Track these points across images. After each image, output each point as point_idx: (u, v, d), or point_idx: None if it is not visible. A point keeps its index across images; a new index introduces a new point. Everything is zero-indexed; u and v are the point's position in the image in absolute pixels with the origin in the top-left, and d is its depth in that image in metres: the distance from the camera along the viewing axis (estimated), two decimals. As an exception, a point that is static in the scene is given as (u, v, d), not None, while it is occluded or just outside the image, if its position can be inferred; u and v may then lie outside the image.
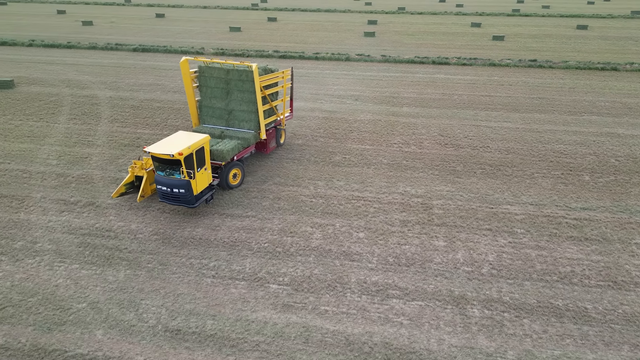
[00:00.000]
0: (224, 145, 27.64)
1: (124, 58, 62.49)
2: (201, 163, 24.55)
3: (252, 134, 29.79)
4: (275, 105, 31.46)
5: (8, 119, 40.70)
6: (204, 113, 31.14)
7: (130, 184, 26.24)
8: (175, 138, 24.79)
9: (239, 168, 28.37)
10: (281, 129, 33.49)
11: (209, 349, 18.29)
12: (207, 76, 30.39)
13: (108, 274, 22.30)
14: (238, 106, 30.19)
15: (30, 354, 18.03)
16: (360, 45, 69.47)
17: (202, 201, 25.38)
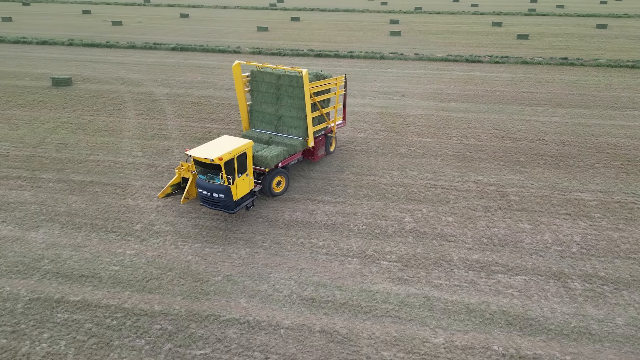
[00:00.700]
0: (268, 151, 27.27)
1: (164, 57, 64.74)
2: (242, 169, 24.16)
3: (299, 141, 29.35)
4: (325, 113, 30.82)
5: (79, 115, 42.92)
6: (254, 118, 31.12)
7: (176, 185, 26.52)
8: (218, 142, 24.69)
9: (284, 175, 27.91)
10: (331, 136, 32.69)
11: (345, 315, 20.20)
12: (258, 81, 30.26)
13: (230, 251, 24.42)
14: (287, 112, 29.80)
15: (188, 318, 20.02)
16: (389, 44, 71.48)
17: (241, 207, 24.92)
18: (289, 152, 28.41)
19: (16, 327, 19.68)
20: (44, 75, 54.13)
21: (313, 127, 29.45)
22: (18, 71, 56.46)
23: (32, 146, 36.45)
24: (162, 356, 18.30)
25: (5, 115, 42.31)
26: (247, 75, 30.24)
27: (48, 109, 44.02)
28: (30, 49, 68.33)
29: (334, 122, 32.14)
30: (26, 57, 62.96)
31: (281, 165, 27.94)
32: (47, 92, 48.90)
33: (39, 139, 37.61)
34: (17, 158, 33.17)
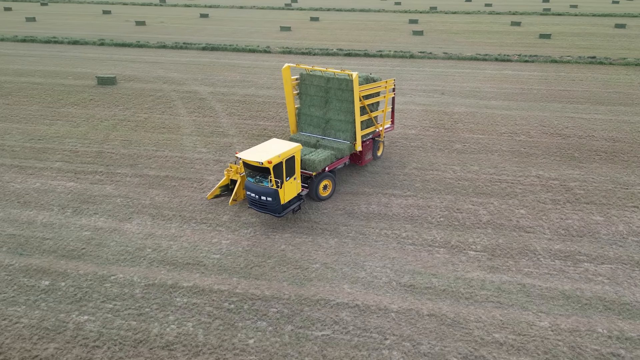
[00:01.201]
0: (316, 155, 27.14)
1: (197, 56, 65.83)
2: (291, 172, 24.15)
3: (347, 145, 28.98)
4: (374, 117, 30.60)
5: (133, 112, 44.07)
6: (302, 121, 30.89)
7: (225, 187, 26.86)
8: (267, 145, 24.66)
9: (330, 179, 27.60)
10: (379, 140, 32.31)
11: (447, 300, 21.42)
12: (307, 84, 29.99)
13: (320, 241, 25.59)
14: (335, 115, 29.48)
15: (300, 302, 21.19)
16: (414, 43, 72.72)
17: (289, 211, 25.00)
18: (336, 156, 28.17)
19: (141, 310, 20.73)
20: (86, 75, 55.62)
21: (361, 131, 29.02)
22: (59, 70, 57.69)
23: (97, 142, 37.45)
24: (285, 336, 19.34)
25: (63, 113, 43.39)
26: (296, 78, 30.02)
27: (101, 107, 45.23)
28: (64, 49, 69.65)
29: (382, 126, 31.83)
30: (61, 57, 64.25)
31: (328, 169, 27.76)
32: (95, 91, 50.17)
33: (102, 135, 38.90)
34: (87, 154, 34.34)
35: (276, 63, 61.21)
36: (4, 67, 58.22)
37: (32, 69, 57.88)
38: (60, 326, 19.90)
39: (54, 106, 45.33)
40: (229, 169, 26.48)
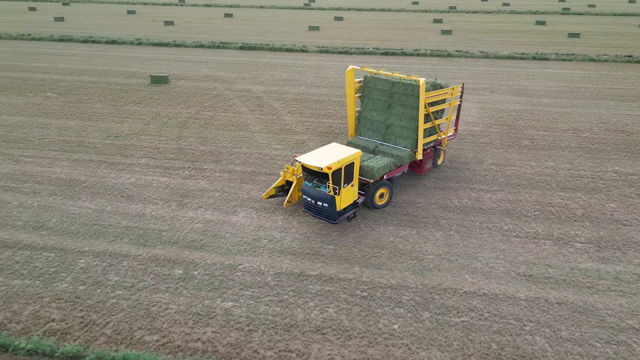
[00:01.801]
0: (375, 162, 26.67)
1: (237, 55, 66.86)
2: (349, 179, 23.86)
3: (407, 153, 28.23)
4: (437, 124, 29.72)
5: (197, 110, 45.01)
6: (362, 125, 30.35)
7: (280, 188, 26.79)
8: (327, 150, 24.61)
9: (388, 188, 26.91)
10: (441, 149, 31.12)
11: (570, 290, 22.48)
12: (371, 87, 29.50)
13: (425, 233, 26.54)
14: (397, 121, 28.98)
15: (428, 291, 22.51)
16: (446, 42, 73.49)
17: (343, 218, 24.81)
18: (395, 164, 27.55)
19: (279, 297, 21.81)
20: (135, 73, 56.63)
21: (423, 139, 28.21)
22: (107, 69, 58.54)
23: (173, 140, 38.51)
24: (426, 322, 20.31)
25: (129, 111, 44.56)
26: (359, 81, 29.49)
27: (163, 105, 46.27)
28: (103, 48, 70.66)
29: (445, 134, 30.79)
30: (104, 56, 65.16)
31: (386, 177, 27.23)
32: (150, 89, 51.16)
33: (175, 133, 39.93)
34: (168, 150, 35.37)
35: (316, 62, 62.41)
36: (52, 66, 59.44)
37: (80, 67, 59.05)
38: (210, 312, 20.84)
39: (117, 104, 46.35)
40: (286, 170, 26.34)
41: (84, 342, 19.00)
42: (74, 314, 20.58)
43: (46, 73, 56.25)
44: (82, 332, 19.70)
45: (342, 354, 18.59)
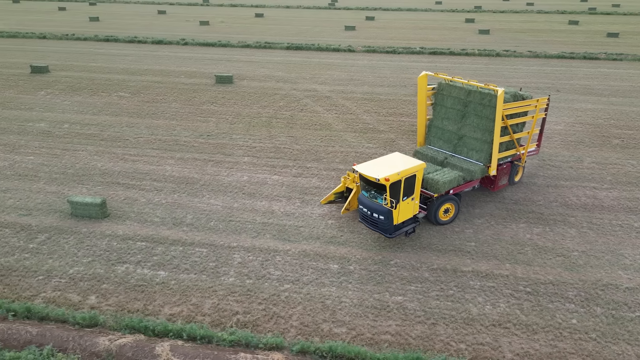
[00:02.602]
0: (441, 175, 25.04)
1: (286, 55, 67.06)
2: (409, 192, 22.63)
3: (479, 167, 26.44)
4: (516, 138, 27.77)
5: (275, 110, 45.46)
6: (432, 134, 28.89)
7: (340, 194, 26.43)
8: (388, 159, 23.55)
9: (454, 203, 25.44)
10: (519, 165, 29.05)
11: None
12: (445, 95, 27.92)
13: (559, 230, 27.36)
14: (471, 132, 27.05)
15: (591, 286, 23.22)
16: (487, 42, 73.58)
17: (401, 232, 23.60)
18: (464, 178, 25.88)
19: (445, 292, 22.61)
20: (197, 74, 57.04)
21: (499, 154, 26.22)
22: (166, 69, 58.88)
23: (265, 138, 39.14)
24: (602, 317, 21.04)
25: (208, 111, 45.16)
26: (432, 88, 27.98)
27: (239, 105, 46.76)
28: (153, 48, 70.98)
29: (525, 149, 28.51)
30: (155, 56, 65.44)
31: (453, 192, 25.41)
32: (218, 89, 51.66)
33: (264, 132, 40.40)
34: (265, 149, 36.21)
35: (368, 62, 62.85)
36: (110, 66, 59.82)
37: (138, 67, 59.58)
38: (384, 305, 21.42)
39: (192, 103, 46.82)
40: (346, 176, 26.17)
41: (278, 334, 19.64)
42: (254, 307, 21.33)
43: (108, 73, 56.78)
44: (270, 324, 20.40)
45: (533, 347, 19.13)
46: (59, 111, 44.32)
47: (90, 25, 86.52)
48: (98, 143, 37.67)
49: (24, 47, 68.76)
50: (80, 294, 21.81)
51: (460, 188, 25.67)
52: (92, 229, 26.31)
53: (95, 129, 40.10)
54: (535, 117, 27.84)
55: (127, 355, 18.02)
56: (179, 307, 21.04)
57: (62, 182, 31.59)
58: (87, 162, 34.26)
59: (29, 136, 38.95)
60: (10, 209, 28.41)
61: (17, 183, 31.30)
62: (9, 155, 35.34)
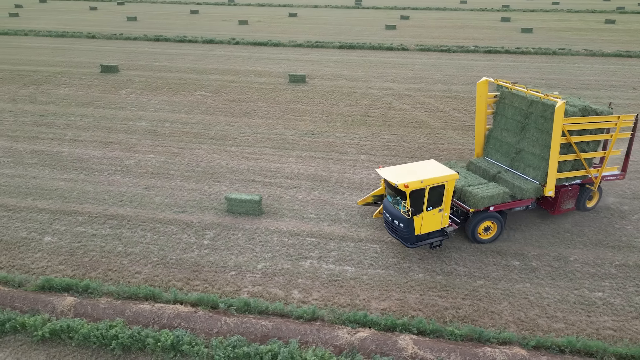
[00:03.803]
0: (482, 189, 23.24)
1: (342, 54, 67.45)
2: (436, 202, 21.32)
3: (533, 186, 24.03)
4: (585, 159, 24.28)
5: (363, 109, 45.69)
6: (490, 145, 27.18)
7: (378, 197, 25.95)
8: (419, 166, 22.41)
9: (496, 222, 23.70)
10: (591, 189, 25.92)
11: None
12: (506, 104, 25.91)
13: None
14: (530, 147, 24.88)
15: None
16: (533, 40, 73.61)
17: (424, 244, 22.38)
18: (512, 196, 23.80)
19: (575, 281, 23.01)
20: (266, 73, 57.20)
21: (559, 174, 23.61)
22: (233, 68, 59.09)
23: (370, 137, 39.70)
24: None
25: (298, 110, 45.40)
26: (495, 96, 26.40)
27: (324, 104, 47.09)
28: (207, 48, 71.29)
29: (599, 171, 25.22)
30: (213, 55, 66.00)
31: (495, 209, 23.55)
32: (295, 88, 51.72)
33: (365, 131, 40.70)
34: (378, 147, 36.82)
35: (426, 60, 63.32)
36: (174, 65, 60.23)
37: (203, 67, 59.70)
38: (589, 301, 22.20)
39: (278, 102, 47.15)
40: None
41: (502, 329, 20.25)
42: (460, 302, 21.94)
43: (176, 72, 57.06)
44: (486, 319, 21.06)
45: None
46: (151, 110, 44.66)
47: (130, 24, 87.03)
48: (208, 142, 37.99)
49: (78, 46, 69.32)
50: (282, 289, 22.10)
51: (505, 206, 23.57)
52: (255, 225, 26.81)
53: (198, 128, 40.33)
54: (614, 136, 24.31)
55: (370, 348, 18.38)
56: (385, 301, 21.24)
57: (197, 179, 31.99)
58: (210, 160, 34.57)
59: (136, 135, 39.30)
60: (163, 206, 28.86)
61: (154, 181, 31.72)
62: (129, 154, 35.61)
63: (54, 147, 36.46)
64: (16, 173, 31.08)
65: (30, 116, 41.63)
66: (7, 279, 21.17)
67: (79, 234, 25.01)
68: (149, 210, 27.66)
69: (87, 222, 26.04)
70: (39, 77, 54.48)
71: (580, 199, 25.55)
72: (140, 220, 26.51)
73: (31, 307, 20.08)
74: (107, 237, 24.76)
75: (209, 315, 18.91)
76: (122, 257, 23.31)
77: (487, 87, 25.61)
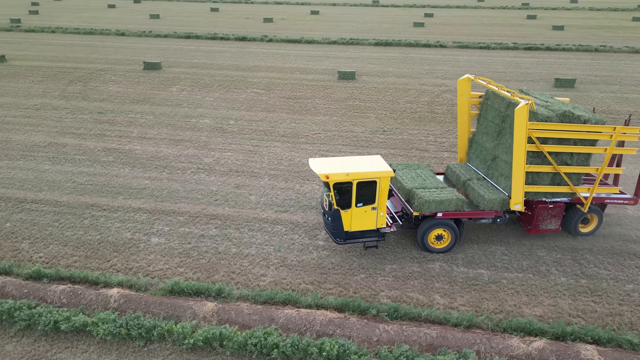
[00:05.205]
0: (432, 193, 21.23)
1: (380, 51, 67.01)
2: (366, 199, 20.09)
3: (499, 197, 21.48)
4: (566, 173, 21.14)
5: (426, 106, 45.08)
6: (472, 150, 24.86)
7: None
8: (356, 159, 21.38)
9: (449, 231, 21.72)
10: (582, 212, 22.72)
11: None
12: (489, 105, 23.14)
13: None
14: (503, 154, 21.80)
15: None
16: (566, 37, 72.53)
17: (355, 242, 21.17)
18: (466, 204, 21.80)
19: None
20: (310, 70, 56.23)
21: (531, 186, 20.98)
22: (274, 65, 58.10)
23: (448, 133, 38.95)
24: None
25: (359, 107, 44.53)
26: (480, 96, 24.01)
27: (382, 101, 46.29)
28: (241, 45, 70.36)
29: (590, 191, 21.78)
30: (249, 53, 64.79)
31: (444, 216, 21.51)
32: (346, 85, 50.73)
33: (438, 128, 39.97)
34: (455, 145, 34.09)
35: (468, 57, 62.91)
36: (215, 62, 59.43)
37: (245, 64, 59.00)
38: None
39: (334, 99, 46.19)
40: None
41: None
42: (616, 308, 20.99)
43: (219, 69, 56.15)
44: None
45: None
46: (210, 107, 43.63)
47: (155, 22, 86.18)
48: (280, 139, 36.97)
49: (109, 43, 68.05)
50: (422, 294, 21.07)
51: (458, 214, 21.31)
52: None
53: (264, 125, 39.41)
54: (609, 150, 21.07)
55: (550, 359, 17.28)
56: (537, 307, 19.92)
57: (285, 178, 30.93)
58: (290, 159, 33.59)
59: (204, 132, 38.23)
60: (261, 205, 27.86)
61: (242, 179, 30.81)
62: (205, 152, 34.73)
63: (125, 144, 35.73)
64: (96, 171, 30.04)
65: (89, 113, 41.78)
66: (131, 283, 20.71)
67: (185, 234, 23.98)
68: (248, 210, 27.23)
69: (190, 222, 25.39)
70: (83, 74, 53.52)
71: (569, 221, 22.71)
72: (244, 220, 25.80)
73: (170, 313, 19.15)
74: (216, 238, 23.77)
75: (364, 322, 17.45)
76: (241, 259, 22.28)
77: (469, 85, 23.37)
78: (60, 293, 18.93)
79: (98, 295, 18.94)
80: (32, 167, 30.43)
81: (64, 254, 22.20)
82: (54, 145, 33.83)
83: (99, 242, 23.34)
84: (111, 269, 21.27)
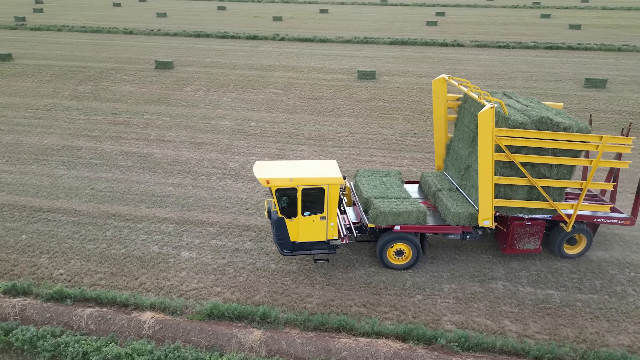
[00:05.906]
0: (390, 203, 19.41)
1: (396, 51, 65.70)
2: (315, 208, 18.50)
3: (467, 211, 19.40)
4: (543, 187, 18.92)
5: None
6: (448, 157, 22.67)
7: None
8: (307, 164, 19.83)
9: (410, 245, 19.80)
10: (565, 230, 20.45)
11: None
12: (466, 109, 21.00)
13: None
14: (475, 163, 19.07)
15: None
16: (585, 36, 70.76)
17: (302, 254, 19.49)
18: (429, 218, 19.76)
19: None
20: (326, 69, 54.55)
21: (503, 200, 18.95)
22: (288, 65, 56.51)
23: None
24: None
25: (385, 108, 42.91)
26: (457, 99, 21.86)
27: (408, 101, 44.78)
28: (252, 44, 68.64)
29: (574, 208, 19.51)
30: (261, 52, 63.04)
31: (402, 230, 19.55)
32: (367, 85, 48.96)
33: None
34: None
35: (488, 56, 61.12)
36: (228, 62, 57.58)
37: (259, 63, 56.96)
38: None
39: (357, 100, 44.39)
40: None
41: None
42: None
43: (233, 69, 54.17)
44: None
45: None
46: (228, 108, 41.73)
47: (162, 20, 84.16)
48: (306, 142, 35.20)
49: (118, 42, 66.16)
50: (490, 319, 18.88)
51: (419, 229, 19.32)
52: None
53: (287, 127, 37.50)
54: (595, 163, 18.71)
55: None
56: (622, 335, 17.66)
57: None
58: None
59: (225, 134, 36.36)
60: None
61: (272, 187, 26.55)
62: (228, 156, 32.79)
63: (143, 147, 33.70)
64: (115, 177, 28.39)
65: (102, 114, 39.82)
66: (164, 305, 18.40)
67: (218, 248, 22.09)
68: (284, 221, 23.24)
69: (221, 234, 23.45)
70: (92, 73, 51.46)
71: (552, 240, 20.63)
72: (280, 231, 22.26)
73: (212, 342, 16.93)
74: (252, 252, 21.63)
75: (434, 355, 15.49)
76: (282, 277, 20.08)
77: (445, 86, 21.12)
78: (87, 318, 17.10)
79: (130, 320, 17.18)
80: (47, 172, 28.70)
81: (87, 270, 20.40)
82: (68, 148, 32.39)
83: (124, 256, 21.41)
84: (140, 287, 19.39)
